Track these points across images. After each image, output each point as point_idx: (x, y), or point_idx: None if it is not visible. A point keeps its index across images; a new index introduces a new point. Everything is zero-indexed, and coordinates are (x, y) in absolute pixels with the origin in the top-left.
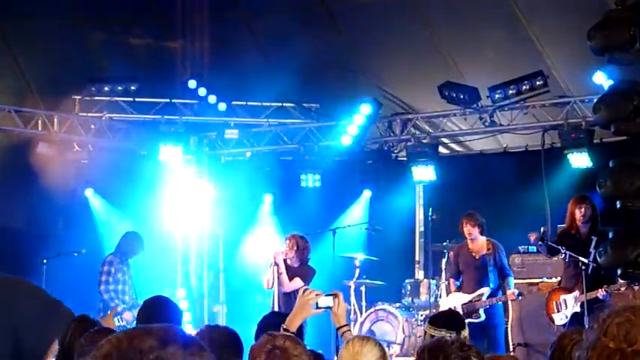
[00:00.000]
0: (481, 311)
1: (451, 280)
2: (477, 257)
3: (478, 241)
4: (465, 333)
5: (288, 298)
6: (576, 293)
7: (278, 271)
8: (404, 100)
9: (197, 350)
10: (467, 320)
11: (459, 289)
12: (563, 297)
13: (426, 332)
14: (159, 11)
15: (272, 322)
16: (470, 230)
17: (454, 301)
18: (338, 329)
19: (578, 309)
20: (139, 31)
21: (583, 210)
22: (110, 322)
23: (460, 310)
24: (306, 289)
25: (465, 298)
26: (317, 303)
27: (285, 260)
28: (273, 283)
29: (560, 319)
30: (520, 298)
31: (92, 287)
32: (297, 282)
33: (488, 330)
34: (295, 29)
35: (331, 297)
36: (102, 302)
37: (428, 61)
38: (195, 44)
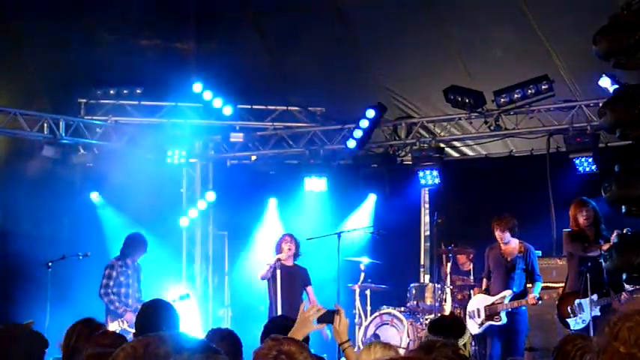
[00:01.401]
0: (502, 314)
1: (484, 279)
2: (508, 259)
3: (510, 244)
4: (465, 340)
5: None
6: (594, 297)
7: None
8: (412, 102)
9: (212, 354)
10: (488, 323)
11: (486, 290)
12: (578, 301)
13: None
14: (168, 13)
15: (280, 325)
16: (500, 235)
17: (478, 302)
18: (340, 345)
19: (598, 312)
20: (148, 32)
21: (585, 213)
22: None
23: (483, 312)
24: (311, 307)
25: (489, 300)
26: (318, 319)
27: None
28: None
29: (576, 323)
30: (541, 303)
31: (97, 290)
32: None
33: (511, 334)
34: (303, 30)
35: (332, 312)
36: (105, 305)
37: (437, 62)
38: (202, 46)
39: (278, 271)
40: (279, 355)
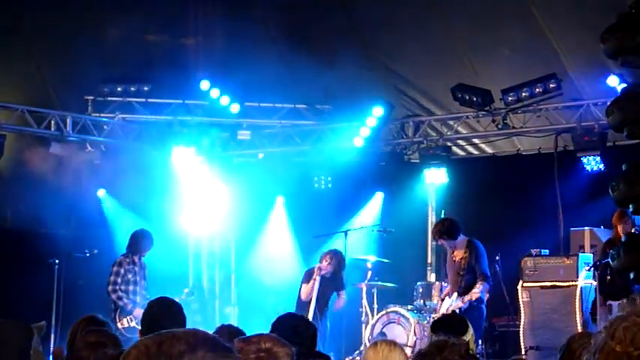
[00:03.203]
0: None
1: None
2: (455, 260)
3: (457, 246)
4: (468, 337)
5: (324, 304)
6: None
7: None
8: (420, 100)
9: (225, 352)
10: None
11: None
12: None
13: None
14: (175, 8)
15: (286, 324)
16: (441, 243)
17: (444, 307)
18: None
19: None
20: (154, 29)
21: (622, 226)
22: None
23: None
24: None
25: (445, 305)
26: None
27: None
28: (310, 295)
29: None
30: (464, 306)
31: (103, 288)
32: (343, 299)
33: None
34: (311, 27)
35: None
36: (112, 303)
37: (445, 61)
38: (209, 44)
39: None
40: (259, 353)
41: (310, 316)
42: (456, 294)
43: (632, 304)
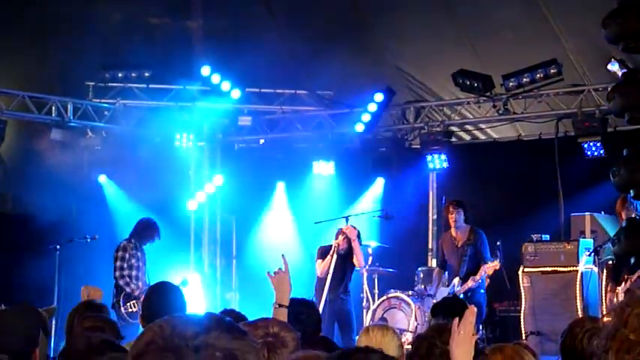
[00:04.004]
0: None
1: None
2: (458, 245)
3: (461, 229)
4: None
5: (339, 279)
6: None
7: (355, 244)
8: (421, 86)
9: (240, 335)
10: None
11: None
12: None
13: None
14: None
15: (289, 310)
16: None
17: (441, 293)
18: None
19: None
20: (157, 10)
21: (625, 212)
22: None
23: None
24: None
25: (445, 291)
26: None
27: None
28: (326, 272)
29: None
30: (474, 285)
31: (105, 273)
32: (361, 256)
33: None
34: (313, 13)
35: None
36: (116, 288)
37: (446, 46)
38: (211, 27)
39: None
40: (267, 337)
41: (325, 293)
42: (457, 279)
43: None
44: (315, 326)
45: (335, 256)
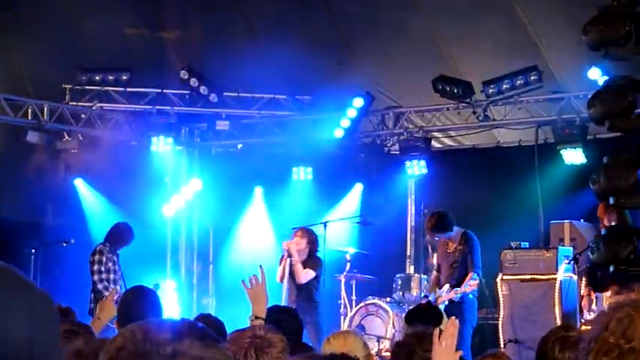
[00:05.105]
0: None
1: (434, 272)
2: (449, 251)
3: (451, 237)
4: (443, 326)
5: (300, 291)
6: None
7: (294, 262)
8: (398, 94)
9: (212, 342)
10: None
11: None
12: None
13: (405, 332)
14: (153, 1)
15: (271, 317)
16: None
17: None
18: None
19: None
20: (132, 20)
21: (606, 217)
22: (109, 307)
23: None
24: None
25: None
26: None
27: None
28: (284, 276)
29: None
30: (457, 297)
31: (80, 278)
32: (310, 273)
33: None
34: (291, 18)
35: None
36: (93, 292)
37: (424, 52)
38: (188, 33)
39: (289, 260)
40: (254, 339)
41: (283, 300)
42: (447, 285)
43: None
44: (296, 333)
45: (289, 260)
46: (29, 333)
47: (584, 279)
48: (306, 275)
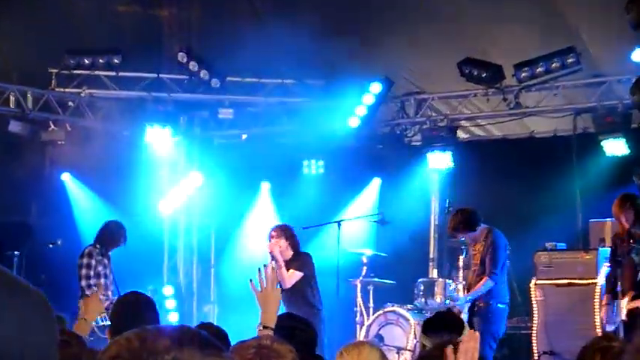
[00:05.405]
0: (463, 316)
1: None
2: (475, 253)
3: (476, 236)
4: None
5: (290, 295)
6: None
7: (278, 266)
8: (420, 78)
9: (215, 351)
10: None
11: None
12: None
13: (422, 344)
14: None
15: (283, 325)
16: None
17: None
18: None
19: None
20: None
21: (624, 215)
22: (95, 304)
23: None
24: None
25: None
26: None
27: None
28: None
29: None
30: (457, 307)
31: (69, 283)
32: (296, 274)
33: None
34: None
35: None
36: (81, 297)
37: (449, 32)
38: (186, 12)
39: (273, 262)
40: (260, 349)
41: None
42: (463, 296)
43: None
44: (311, 345)
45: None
46: (23, 336)
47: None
48: (290, 278)
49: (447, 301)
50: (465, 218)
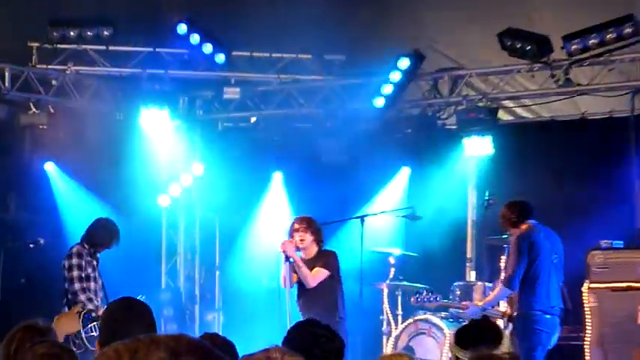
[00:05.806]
0: (499, 321)
1: None
2: None
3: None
4: (505, 347)
5: (313, 295)
6: None
7: (297, 265)
8: (455, 52)
9: None
10: None
11: None
12: None
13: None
14: None
15: (305, 333)
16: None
17: None
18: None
19: None
20: None
21: None
22: (70, 320)
23: None
24: None
25: None
26: None
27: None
28: (290, 281)
29: None
30: (465, 311)
31: (51, 287)
32: (322, 272)
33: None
34: None
35: None
36: (68, 306)
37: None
38: None
39: (287, 264)
40: None
41: (287, 311)
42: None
43: None
44: (337, 354)
45: (287, 267)
46: None
47: None
48: (316, 276)
49: (457, 310)
50: (507, 212)
